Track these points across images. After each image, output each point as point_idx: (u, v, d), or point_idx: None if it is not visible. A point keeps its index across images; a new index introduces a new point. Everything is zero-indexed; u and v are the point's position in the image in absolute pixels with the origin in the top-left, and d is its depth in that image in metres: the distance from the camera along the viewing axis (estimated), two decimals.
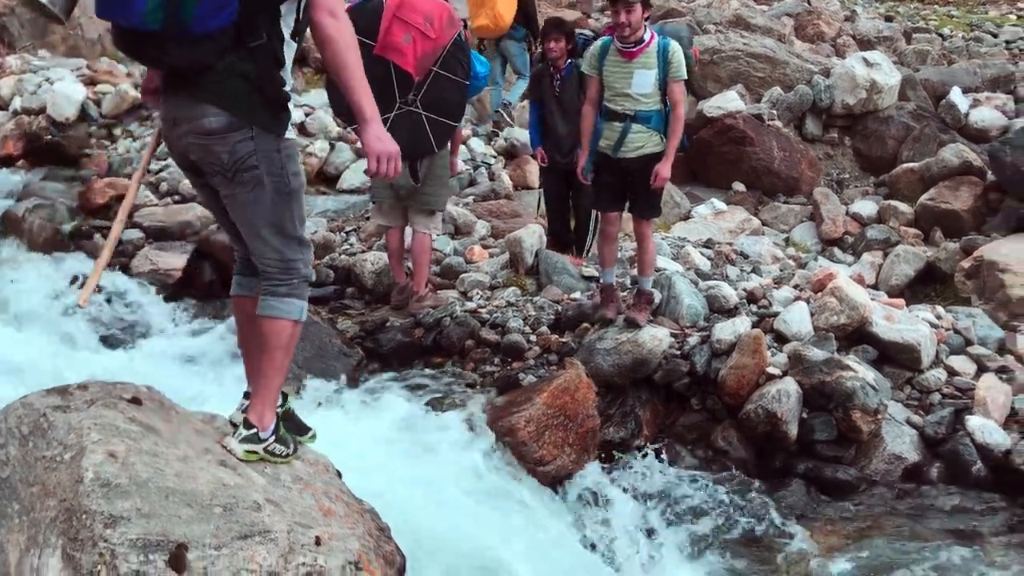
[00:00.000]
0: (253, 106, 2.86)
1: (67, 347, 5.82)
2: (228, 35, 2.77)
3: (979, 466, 5.07)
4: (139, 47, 2.80)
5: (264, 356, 3.04)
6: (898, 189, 9.72)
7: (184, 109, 2.87)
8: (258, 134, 2.88)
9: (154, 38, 2.71)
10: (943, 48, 14.65)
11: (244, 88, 2.83)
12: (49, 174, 8.00)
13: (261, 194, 2.91)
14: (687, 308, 5.74)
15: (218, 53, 2.78)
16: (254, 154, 2.87)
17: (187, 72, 2.80)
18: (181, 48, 2.73)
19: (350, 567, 2.76)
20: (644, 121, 5.29)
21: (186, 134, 2.89)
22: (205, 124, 2.84)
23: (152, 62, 2.89)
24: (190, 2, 2.63)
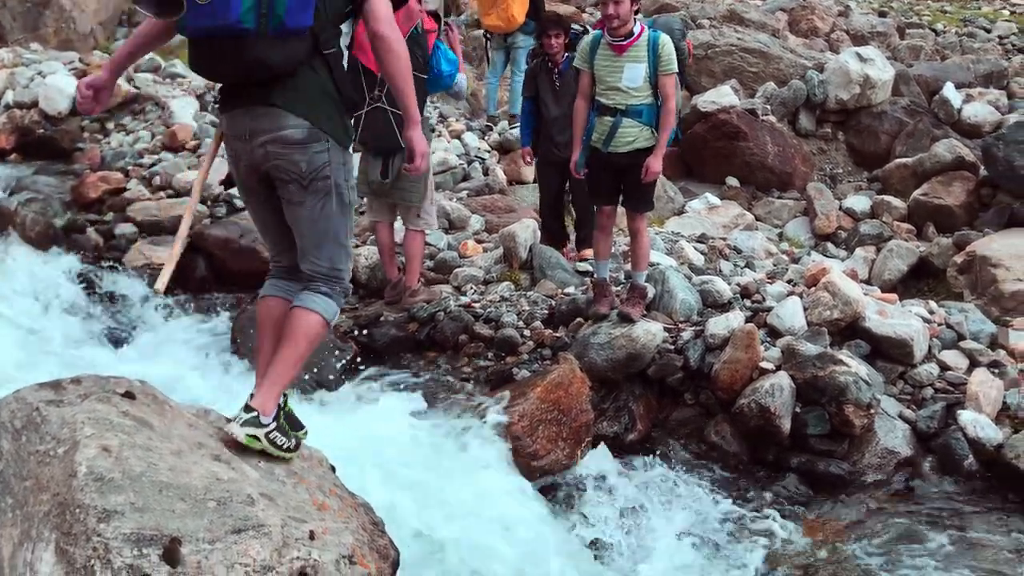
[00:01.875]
0: (330, 117, 3.08)
1: (60, 341, 5.81)
2: (308, 40, 2.97)
3: (971, 460, 5.09)
4: (223, 53, 2.93)
5: (287, 345, 3.12)
6: (891, 184, 9.74)
7: (264, 121, 3.03)
8: (332, 146, 3.09)
9: (244, 39, 2.88)
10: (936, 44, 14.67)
11: (322, 99, 3.05)
12: (42, 168, 7.96)
13: (328, 204, 3.12)
14: (681, 303, 5.75)
15: (303, 54, 2.97)
16: (328, 165, 3.08)
17: (275, 72, 2.95)
18: (274, 46, 2.90)
19: (344, 561, 2.76)
20: (635, 115, 5.28)
21: (265, 144, 3.04)
22: (288, 135, 3.02)
23: (235, 67, 2.96)
24: (280, 4, 2.86)
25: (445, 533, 4.06)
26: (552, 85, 6.59)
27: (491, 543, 4.14)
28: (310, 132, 3.03)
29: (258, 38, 2.89)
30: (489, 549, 4.09)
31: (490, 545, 4.12)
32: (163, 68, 9.73)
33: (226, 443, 3.06)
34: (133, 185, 7.54)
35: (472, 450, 4.86)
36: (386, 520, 3.30)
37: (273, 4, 2.87)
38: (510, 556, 4.11)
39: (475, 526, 4.22)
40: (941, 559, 4.45)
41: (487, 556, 4.05)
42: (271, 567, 2.56)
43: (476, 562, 3.99)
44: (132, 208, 7.30)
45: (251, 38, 2.88)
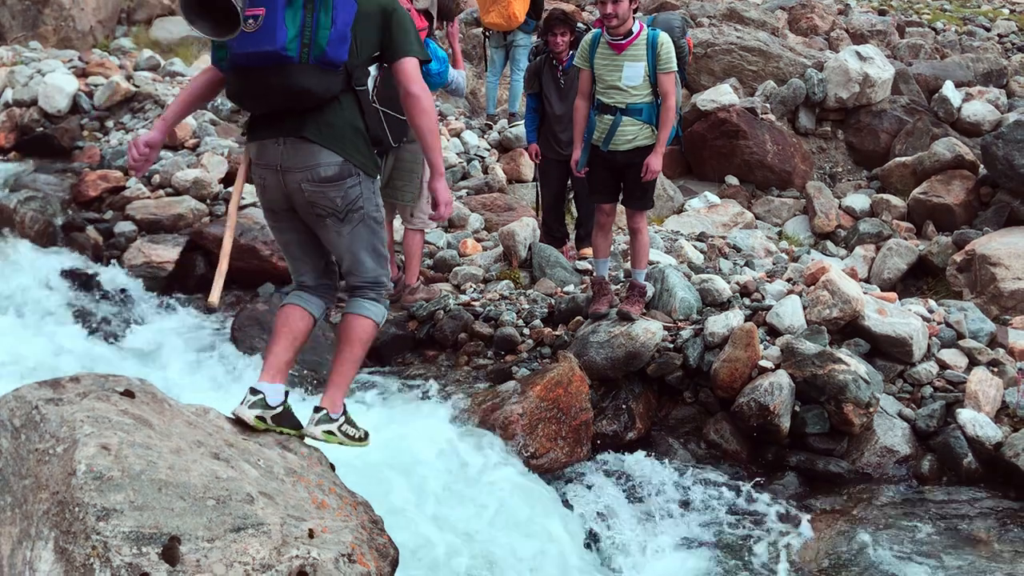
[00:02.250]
0: (359, 151, 3.30)
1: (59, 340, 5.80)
2: (343, 75, 3.19)
3: (970, 459, 5.10)
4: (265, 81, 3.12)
5: (345, 348, 3.49)
6: (891, 183, 9.74)
7: (298, 158, 3.22)
8: (363, 179, 3.33)
9: (286, 67, 3.09)
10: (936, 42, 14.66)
11: (353, 135, 3.26)
12: (41, 166, 7.96)
13: (363, 227, 3.38)
14: (680, 301, 5.75)
15: (338, 87, 3.18)
16: (361, 196, 3.33)
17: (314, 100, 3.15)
18: (313, 73, 3.11)
19: (343, 560, 2.76)
20: (635, 114, 5.28)
21: (300, 181, 3.24)
22: (321, 172, 3.22)
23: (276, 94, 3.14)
24: (323, 31, 3.08)
25: (444, 532, 4.06)
26: (556, 83, 6.59)
27: (490, 541, 4.14)
28: (342, 168, 3.24)
29: (300, 66, 3.09)
30: (488, 547, 4.09)
31: (489, 543, 4.12)
32: (162, 67, 9.74)
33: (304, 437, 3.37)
34: (132, 183, 7.53)
35: (471, 448, 4.86)
36: (385, 518, 3.30)
37: (316, 35, 3.08)
38: (509, 554, 4.11)
39: (474, 524, 4.22)
40: (940, 557, 4.46)
41: (486, 554, 4.04)
42: (270, 565, 2.56)
43: (475, 560, 3.99)
44: (131, 206, 7.30)
45: (293, 66, 3.09)
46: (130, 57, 10.18)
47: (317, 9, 3.11)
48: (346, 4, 3.16)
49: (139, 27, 11.95)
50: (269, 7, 3.07)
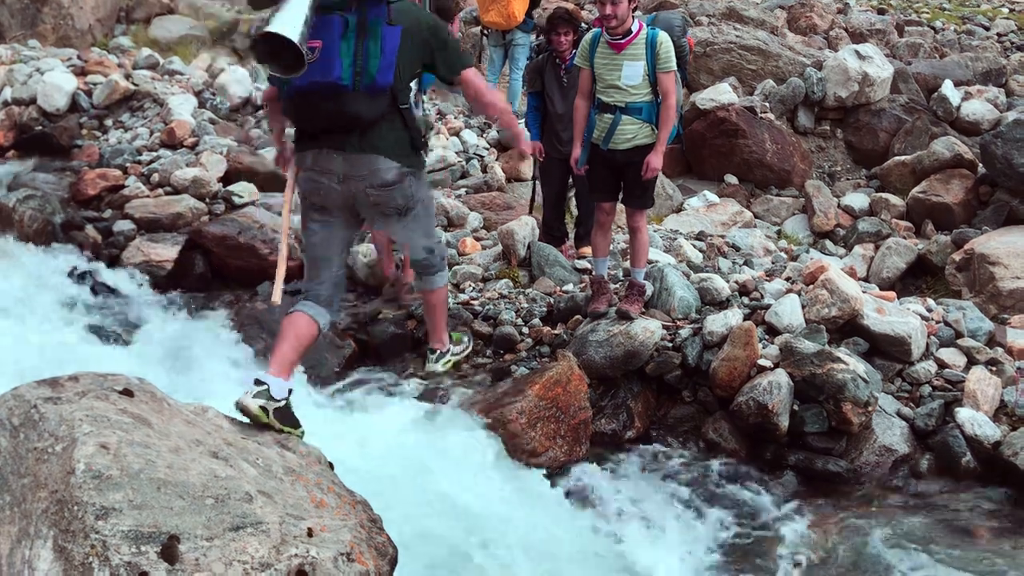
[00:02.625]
0: (411, 156, 3.73)
1: (58, 338, 5.80)
2: (389, 96, 3.55)
3: (968, 458, 5.10)
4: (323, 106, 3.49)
5: (435, 312, 4.39)
6: (890, 182, 9.73)
7: (360, 168, 3.63)
8: (415, 176, 3.79)
9: (340, 95, 3.46)
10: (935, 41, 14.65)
11: (403, 143, 3.66)
12: (40, 165, 7.96)
13: (422, 213, 3.93)
14: (679, 300, 5.75)
15: (384, 108, 3.55)
16: (416, 191, 3.81)
17: (363, 121, 3.53)
18: (364, 100, 3.48)
19: (342, 558, 2.76)
20: (634, 112, 5.27)
21: (365, 187, 3.66)
22: (383, 177, 3.65)
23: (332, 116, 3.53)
24: (373, 60, 3.45)
25: (443, 530, 4.06)
26: (559, 81, 6.59)
27: (489, 540, 4.14)
28: (400, 172, 3.68)
29: (352, 94, 3.47)
30: (487, 546, 4.09)
31: (488, 542, 4.12)
32: (161, 65, 9.73)
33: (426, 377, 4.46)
34: (131, 182, 7.54)
35: (470, 447, 4.86)
36: (384, 517, 3.31)
37: (367, 64, 3.45)
38: (508, 553, 4.11)
39: (473, 523, 4.22)
40: (938, 556, 4.46)
41: (485, 553, 4.05)
42: (269, 564, 2.57)
43: (474, 559, 3.99)
44: (130, 205, 7.30)
45: (347, 94, 3.47)
46: (129, 56, 10.18)
47: (367, 38, 3.45)
48: (392, 32, 3.49)
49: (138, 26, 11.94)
50: (326, 40, 3.40)
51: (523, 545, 4.21)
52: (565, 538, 4.54)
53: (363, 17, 3.47)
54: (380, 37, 3.45)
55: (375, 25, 3.48)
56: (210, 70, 9.78)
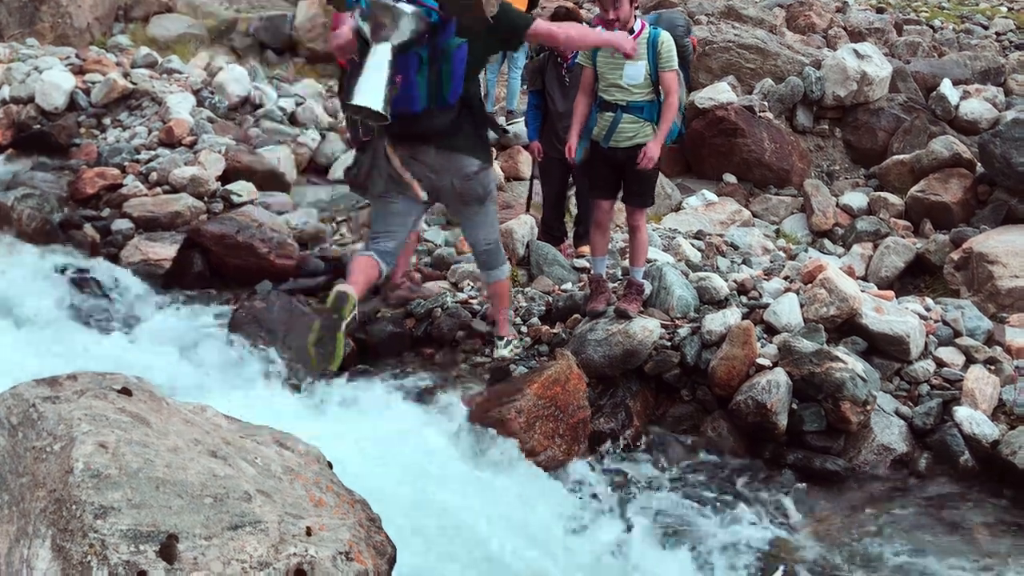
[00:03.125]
0: (484, 149, 4.41)
1: (56, 337, 5.80)
2: (458, 105, 4.18)
3: (967, 457, 5.10)
4: (409, 124, 4.11)
5: (500, 301, 5.10)
6: (888, 181, 9.74)
7: (448, 163, 4.33)
8: (489, 170, 4.47)
9: (420, 116, 4.11)
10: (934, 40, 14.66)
11: (477, 138, 4.33)
12: (38, 163, 7.95)
13: (493, 205, 4.61)
14: (677, 299, 5.75)
15: (457, 112, 4.18)
16: (491, 183, 4.53)
17: (445, 131, 4.22)
18: (440, 115, 4.16)
19: (341, 557, 2.76)
20: (635, 111, 5.27)
21: (452, 179, 4.36)
22: (468, 170, 4.35)
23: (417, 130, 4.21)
24: (446, 84, 4.07)
25: (442, 529, 4.07)
26: (560, 80, 6.57)
27: (488, 539, 4.14)
28: (480, 165, 4.38)
29: (428, 112, 4.13)
30: (485, 545, 4.09)
31: (487, 541, 4.12)
32: (159, 64, 9.73)
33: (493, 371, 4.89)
34: (130, 181, 7.53)
35: (468, 446, 4.86)
36: (383, 516, 3.31)
37: (440, 89, 4.07)
38: (507, 552, 4.11)
39: (472, 522, 4.23)
40: (937, 555, 4.47)
41: (484, 552, 4.05)
42: (268, 563, 2.56)
43: (472, 558, 3.99)
44: (129, 204, 7.30)
45: (425, 113, 4.12)
46: (127, 54, 10.18)
47: (440, 63, 4.00)
48: (460, 51, 4.03)
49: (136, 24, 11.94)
50: (405, 73, 3.94)
51: (521, 544, 4.21)
52: (563, 537, 4.55)
53: (434, 47, 3.99)
54: (451, 60, 4.01)
55: (446, 50, 4.01)
56: (208, 69, 9.78)
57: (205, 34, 11.81)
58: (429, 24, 3.94)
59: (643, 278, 5.72)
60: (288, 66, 11.49)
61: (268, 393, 5.40)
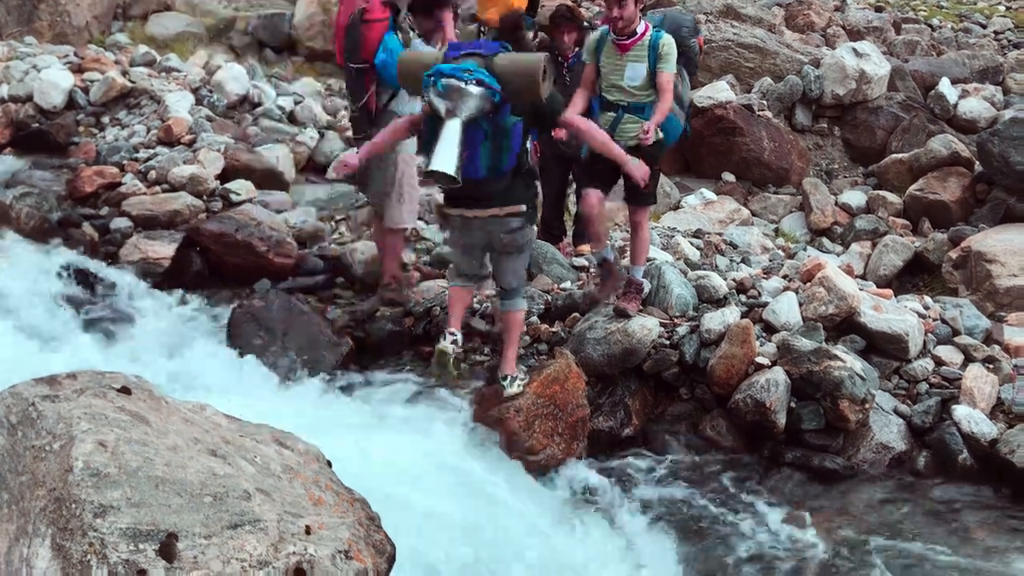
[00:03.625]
0: (531, 207, 4.97)
1: (55, 336, 5.80)
2: (511, 172, 4.75)
3: (965, 455, 5.11)
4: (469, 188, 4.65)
5: (512, 332, 5.21)
6: (887, 179, 9.73)
7: (496, 224, 4.85)
8: (529, 226, 5.03)
9: (481, 181, 4.69)
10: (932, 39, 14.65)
11: (524, 202, 4.88)
12: (36, 162, 7.94)
13: (526, 254, 5.13)
14: (676, 298, 5.75)
15: (511, 180, 4.78)
16: (529, 239, 5.08)
17: (498, 195, 4.79)
18: (496, 181, 4.73)
19: (340, 556, 2.76)
20: (636, 112, 5.28)
21: (499, 233, 4.88)
22: (511, 226, 4.87)
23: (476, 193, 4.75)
24: (504, 155, 4.66)
25: (441, 528, 4.07)
26: (562, 80, 6.57)
27: (487, 537, 4.15)
28: (523, 222, 4.91)
29: (487, 179, 4.70)
30: (484, 544, 4.09)
31: (485, 540, 4.13)
32: (158, 62, 9.71)
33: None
34: (128, 179, 7.52)
35: (467, 445, 4.87)
36: (382, 515, 3.31)
37: (499, 160, 4.67)
38: (505, 550, 4.12)
39: (471, 521, 4.23)
40: (934, 553, 4.47)
41: (482, 551, 4.05)
42: (267, 562, 2.57)
43: (471, 557, 3.99)
44: (127, 203, 7.28)
45: (484, 180, 4.69)
46: (126, 53, 10.15)
47: (500, 138, 4.61)
48: (516, 126, 4.64)
49: (135, 22, 11.91)
50: (471, 149, 4.55)
51: (520, 543, 4.21)
52: (562, 536, 4.55)
53: (495, 124, 4.57)
54: (509, 135, 4.63)
55: (504, 126, 4.60)
56: (207, 67, 9.76)
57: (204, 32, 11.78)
58: (492, 103, 4.51)
59: (642, 276, 5.72)
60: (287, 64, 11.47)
61: (267, 392, 5.41)
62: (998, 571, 4.36)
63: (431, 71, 4.53)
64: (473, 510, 4.33)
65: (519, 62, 4.63)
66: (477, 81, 4.46)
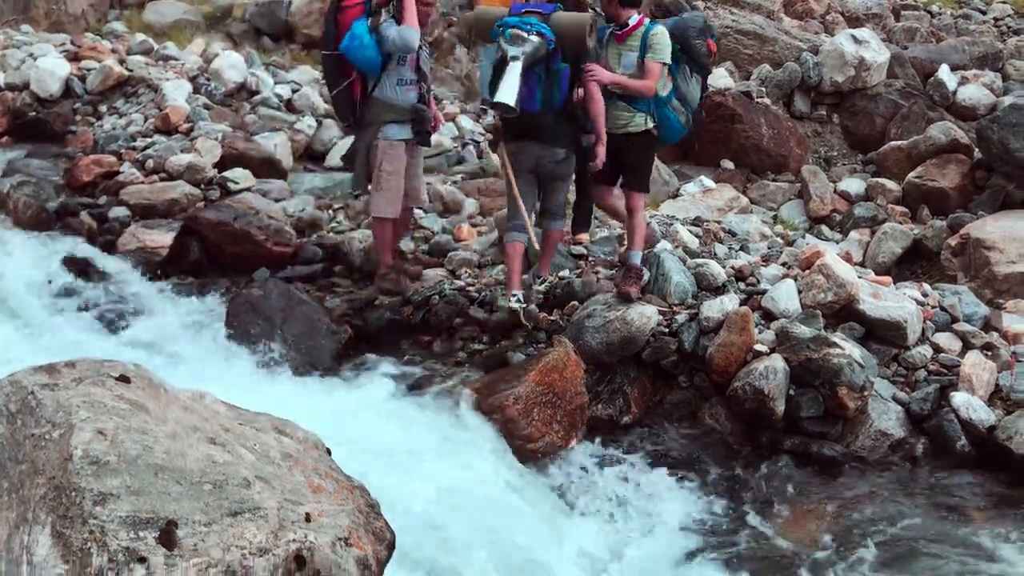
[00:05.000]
0: (573, 141, 5.59)
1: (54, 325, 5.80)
2: (560, 110, 5.47)
3: (963, 442, 5.12)
4: (525, 122, 5.43)
5: (550, 245, 5.99)
6: (886, 167, 9.71)
7: (545, 151, 5.58)
8: (572, 157, 5.68)
9: (537, 114, 5.42)
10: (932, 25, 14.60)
11: (569, 137, 5.56)
12: (34, 151, 7.92)
13: (567, 183, 5.83)
14: (675, 286, 5.75)
15: (559, 117, 5.49)
16: (570, 171, 5.76)
17: (548, 128, 5.50)
18: (548, 116, 5.45)
19: (340, 543, 2.77)
20: (628, 100, 5.52)
21: (548, 163, 5.61)
22: (558, 156, 5.61)
23: (531, 127, 5.50)
24: (556, 96, 5.41)
25: (440, 515, 4.08)
26: None
27: (486, 526, 4.16)
28: (566, 154, 5.63)
29: (542, 113, 5.43)
30: (484, 532, 4.10)
31: (485, 528, 4.14)
32: (155, 51, 9.68)
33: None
34: (126, 168, 7.51)
35: (467, 433, 4.87)
36: (381, 502, 3.31)
37: (551, 98, 5.40)
38: (504, 538, 4.13)
39: (470, 509, 4.24)
40: (933, 539, 4.49)
41: (481, 538, 4.06)
42: (267, 549, 2.57)
43: (471, 544, 4.00)
44: (125, 191, 7.27)
45: (538, 114, 5.42)
46: (123, 41, 10.12)
47: (552, 83, 5.37)
48: (565, 71, 5.37)
49: (131, 11, 11.86)
50: (529, 87, 5.31)
51: (520, 530, 4.23)
52: (560, 522, 4.56)
53: (549, 70, 5.35)
54: (559, 81, 5.38)
55: (557, 73, 5.37)
56: (204, 55, 9.73)
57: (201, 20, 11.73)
58: (547, 51, 5.29)
59: (642, 264, 5.72)
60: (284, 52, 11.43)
61: (266, 380, 5.41)
62: (996, 556, 4.37)
63: (500, 22, 5.37)
64: (472, 498, 4.34)
65: (571, 18, 5.39)
66: (537, 32, 5.27)
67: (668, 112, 5.63)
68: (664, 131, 5.69)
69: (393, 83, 5.80)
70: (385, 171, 5.92)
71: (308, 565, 2.64)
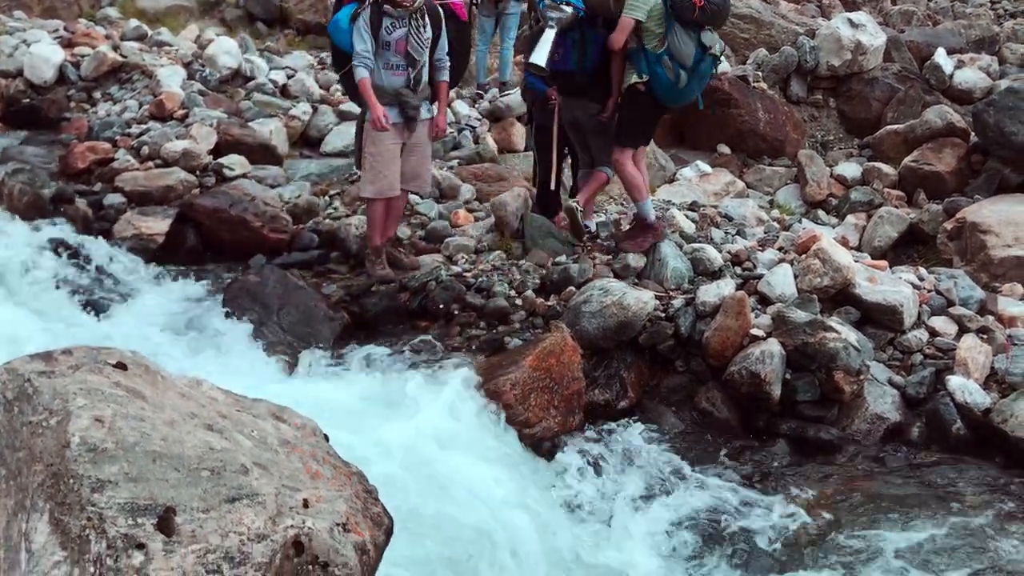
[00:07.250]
0: (604, 99, 6.12)
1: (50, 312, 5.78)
2: (593, 70, 6.06)
3: (959, 425, 5.14)
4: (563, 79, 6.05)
5: (592, 186, 6.43)
6: (882, 151, 9.72)
7: (583, 105, 6.14)
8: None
9: (572, 73, 6.04)
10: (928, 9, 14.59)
11: (603, 93, 6.12)
12: (28, 138, 7.89)
13: (605, 134, 6.23)
14: (672, 271, 5.76)
15: (592, 77, 6.06)
16: (604, 118, 6.18)
17: (583, 86, 6.07)
18: (582, 76, 6.05)
19: (338, 529, 2.77)
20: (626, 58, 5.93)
21: (584, 116, 6.17)
22: (592, 111, 6.14)
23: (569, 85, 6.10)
24: (588, 59, 6.01)
25: (438, 501, 4.09)
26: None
27: (484, 512, 4.17)
28: (598, 108, 6.12)
29: (576, 72, 6.04)
30: (482, 518, 4.11)
31: (483, 514, 4.15)
32: (149, 37, 9.63)
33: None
34: (121, 155, 7.48)
35: (465, 419, 4.88)
36: (379, 488, 3.32)
37: (584, 61, 6.02)
38: (500, 524, 4.14)
39: (468, 495, 4.25)
40: (929, 523, 4.50)
41: (478, 525, 4.07)
42: (265, 535, 2.57)
43: (469, 531, 4.01)
44: (120, 178, 7.24)
45: (573, 73, 6.04)
46: (116, 27, 10.07)
47: (586, 46, 5.97)
48: (597, 38, 5.97)
49: None
50: (565, 50, 5.95)
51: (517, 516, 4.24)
52: (557, 508, 4.57)
53: (583, 34, 5.97)
54: (592, 44, 5.98)
55: (590, 38, 5.98)
56: (199, 41, 9.69)
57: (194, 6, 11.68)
58: (579, 18, 5.93)
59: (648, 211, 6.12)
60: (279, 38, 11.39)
61: (264, 366, 5.41)
62: (991, 539, 4.39)
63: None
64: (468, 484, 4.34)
65: None
66: (567, 2, 5.93)
67: (659, 69, 5.82)
68: (656, 88, 5.87)
69: (381, 67, 5.82)
70: (369, 152, 5.97)
71: (306, 551, 2.65)
